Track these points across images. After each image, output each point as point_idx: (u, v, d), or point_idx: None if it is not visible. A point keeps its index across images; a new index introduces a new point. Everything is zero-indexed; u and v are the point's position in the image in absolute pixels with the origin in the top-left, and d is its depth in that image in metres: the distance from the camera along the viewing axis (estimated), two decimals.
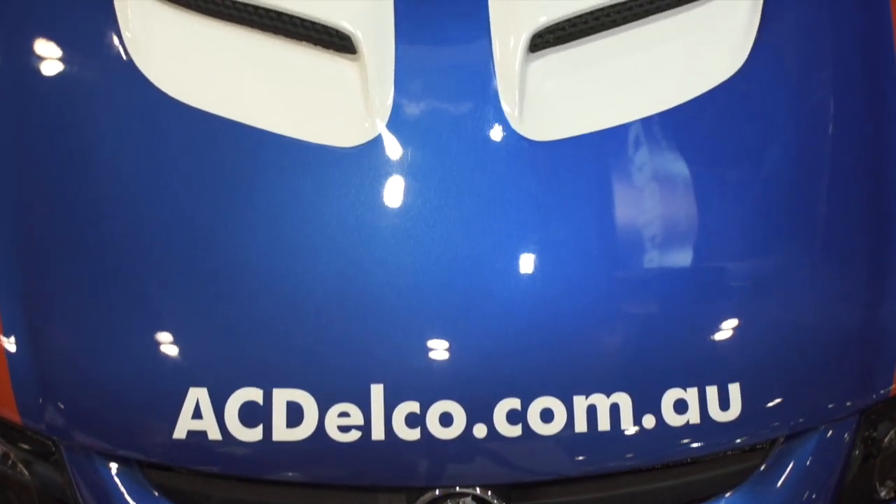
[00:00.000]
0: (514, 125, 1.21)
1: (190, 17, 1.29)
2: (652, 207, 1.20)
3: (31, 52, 1.29)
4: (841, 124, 1.28)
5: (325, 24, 1.25)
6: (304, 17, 1.25)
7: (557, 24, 1.25)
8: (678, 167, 1.22)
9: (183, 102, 1.23)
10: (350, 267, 1.16)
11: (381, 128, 1.21)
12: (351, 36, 1.24)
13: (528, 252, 1.17)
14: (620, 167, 1.21)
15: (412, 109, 1.21)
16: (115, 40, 1.28)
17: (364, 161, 1.19)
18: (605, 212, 1.19)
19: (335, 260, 1.16)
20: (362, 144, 1.20)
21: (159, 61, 1.26)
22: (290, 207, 1.18)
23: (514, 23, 1.24)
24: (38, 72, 1.29)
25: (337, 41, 1.25)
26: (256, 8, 1.26)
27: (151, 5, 1.30)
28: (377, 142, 1.20)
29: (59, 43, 1.30)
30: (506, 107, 1.21)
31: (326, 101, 1.23)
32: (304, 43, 1.26)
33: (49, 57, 1.29)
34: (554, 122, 1.22)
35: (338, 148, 1.20)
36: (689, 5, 1.31)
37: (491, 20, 1.25)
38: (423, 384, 1.11)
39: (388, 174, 1.19)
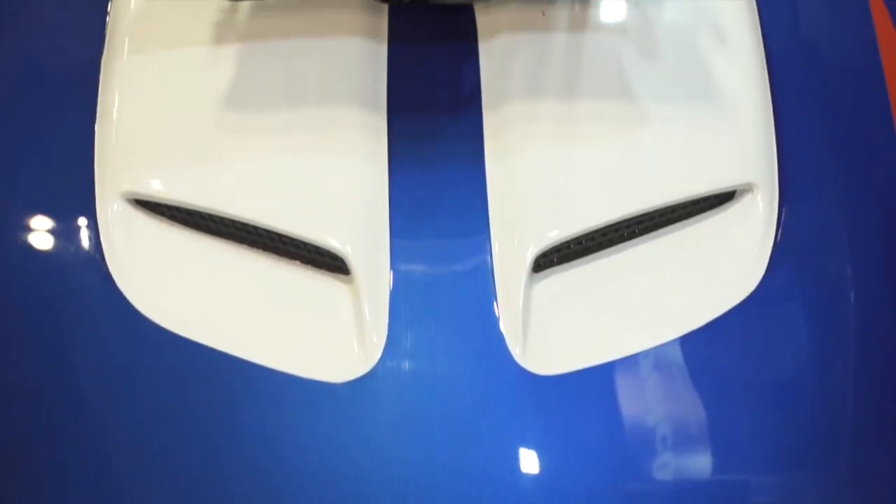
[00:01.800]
0: (518, 358, 1.13)
1: (174, 229, 1.22)
2: (666, 446, 1.12)
3: (7, 263, 1.22)
4: (868, 342, 1.21)
5: (315, 243, 1.18)
6: (294, 237, 1.18)
7: (563, 242, 1.19)
8: (691, 400, 1.14)
9: (163, 328, 1.15)
10: None
11: (376, 361, 1.12)
12: (343, 257, 1.17)
13: (533, 498, 1.08)
14: (630, 402, 1.13)
15: (408, 340, 1.13)
16: (95, 253, 1.20)
17: (356, 399, 1.11)
18: (615, 453, 1.11)
19: None
20: (355, 380, 1.12)
21: (141, 279, 1.19)
22: (276, 449, 1.09)
23: (518, 242, 1.17)
24: (12, 284, 1.21)
25: (329, 261, 1.18)
26: (245, 224, 1.20)
27: (135, 215, 1.22)
28: (371, 378, 1.12)
29: (36, 252, 1.22)
30: (508, 337, 1.14)
31: (318, 329, 1.16)
32: (295, 262, 1.19)
33: (26, 267, 1.22)
34: (559, 353, 1.14)
35: (328, 384, 1.11)
36: (700, 216, 1.24)
37: (493, 239, 1.18)
38: None
39: (381, 414, 1.10)
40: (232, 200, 1.20)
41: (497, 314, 1.15)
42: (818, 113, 1.34)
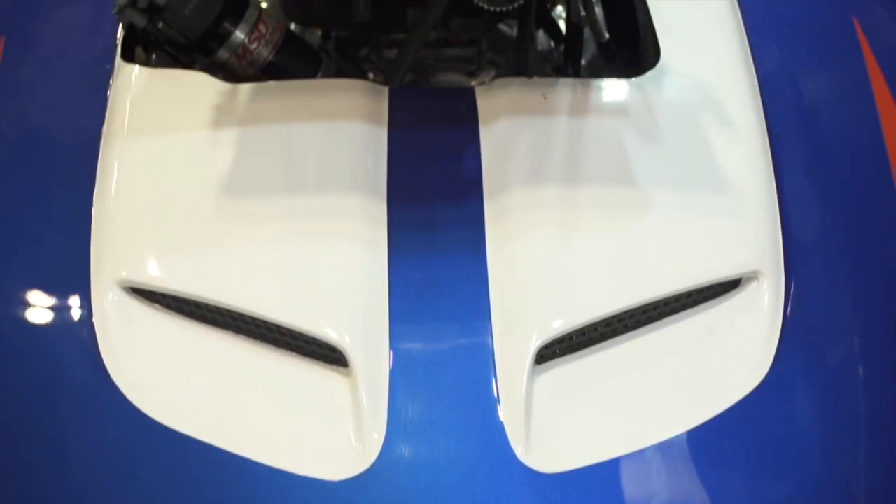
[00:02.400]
0: (520, 455, 1.09)
1: (170, 318, 1.19)
2: None
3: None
4: (880, 430, 1.19)
5: (313, 335, 1.15)
6: (292, 328, 1.16)
7: (566, 334, 1.16)
8: (700, 497, 1.11)
9: (158, 422, 1.12)
10: None
11: (374, 458, 1.09)
12: (342, 349, 1.14)
13: None
14: (636, 500, 1.10)
15: (407, 437, 1.10)
16: (89, 343, 1.18)
17: (354, 498, 1.08)
18: None
19: None
20: (353, 478, 1.08)
21: (135, 370, 1.16)
22: None
23: (520, 334, 1.15)
24: (3, 376, 1.18)
25: (328, 353, 1.16)
26: (242, 314, 1.18)
27: (131, 303, 1.20)
28: (369, 476, 1.08)
29: (29, 342, 1.20)
30: (510, 432, 1.10)
31: (316, 424, 1.12)
32: (293, 353, 1.17)
33: (18, 356, 1.20)
34: (563, 449, 1.11)
35: (325, 481, 1.08)
36: (705, 304, 1.22)
37: (494, 328, 1.15)
38: None
39: None
40: (229, 290, 1.18)
41: (499, 407, 1.12)
42: (822, 195, 1.33)
